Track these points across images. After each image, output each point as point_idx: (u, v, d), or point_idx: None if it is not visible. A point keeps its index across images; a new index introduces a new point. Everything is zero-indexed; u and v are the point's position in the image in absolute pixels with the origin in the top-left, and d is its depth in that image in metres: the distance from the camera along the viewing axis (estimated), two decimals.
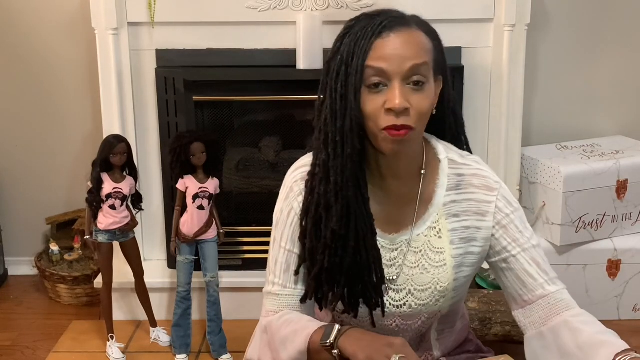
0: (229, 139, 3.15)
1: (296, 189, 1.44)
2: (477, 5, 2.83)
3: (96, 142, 2.77)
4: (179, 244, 2.73)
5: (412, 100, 1.31)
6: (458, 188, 1.43)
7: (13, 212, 3.40)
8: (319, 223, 1.39)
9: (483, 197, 1.42)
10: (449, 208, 1.42)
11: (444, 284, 1.42)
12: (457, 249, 1.42)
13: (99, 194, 2.65)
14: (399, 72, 1.30)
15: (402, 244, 1.44)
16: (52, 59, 3.21)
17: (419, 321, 1.48)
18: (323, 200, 1.37)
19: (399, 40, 1.31)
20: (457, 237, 1.42)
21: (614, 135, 3.27)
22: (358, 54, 1.31)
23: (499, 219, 1.42)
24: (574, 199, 2.88)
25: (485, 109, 2.95)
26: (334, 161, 1.35)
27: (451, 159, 1.45)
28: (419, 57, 1.31)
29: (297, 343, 1.34)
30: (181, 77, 2.87)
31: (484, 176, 1.44)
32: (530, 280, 1.41)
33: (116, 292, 2.86)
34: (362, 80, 1.31)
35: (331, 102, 1.35)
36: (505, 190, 1.44)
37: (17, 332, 3.00)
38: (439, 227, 1.42)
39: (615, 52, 3.22)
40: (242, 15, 2.81)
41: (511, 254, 1.41)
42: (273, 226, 1.48)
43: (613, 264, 2.96)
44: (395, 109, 1.29)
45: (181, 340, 2.78)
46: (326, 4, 2.79)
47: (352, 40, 1.33)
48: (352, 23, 1.36)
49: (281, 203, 1.47)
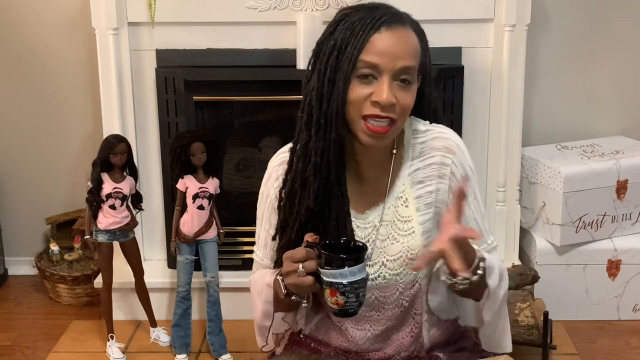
0: (229, 139, 3.15)
1: (274, 175, 1.52)
2: (477, 5, 2.83)
3: (96, 142, 2.78)
4: (179, 244, 2.73)
5: (398, 96, 1.36)
6: (421, 155, 1.48)
7: (13, 212, 3.40)
8: (293, 198, 1.45)
9: (442, 159, 1.47)
10: (414, 176, 1.48)
11: (414, 251, 1.46)
12: (423, 214, 1.47)
13: (99, 194, 2.65)
14: (390, 68, 1.35)
15: (375, 219, 1.48)
16: (52, 59, 3.22)
17: (397, 292, 1.50)
18: (299, 178, 1.44)
19: (395, 38, 1.36)
20: (423, 203, 1.47)
21: (614, 135, 3.27)
22: (354, 43, 1.35)
23: (452, 186, 1.46)
24: (574, 199, 2.88)
25: (485, 109, 2.95)
26: (315, 142, 1.40)
27: (415, 129, 1.50)
28: (410, 59, 1.37)
29: (265, 294, 1.47)
30: (181, 77, 2.87)
31: (446, 137, 1.49)
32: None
33: (116, 292, 2.86)
34: (354, 70, 1.35)
35: (318, 84, 1.39)
36: (463, 154, 1.48)
37: (17, 332, 3.00)
38: (405, 196, 1.48)
39: (615, 52, 3.22)
40: (242, 15, 2.81)
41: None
42: (257, 203, 1.58)
43: (613, 264, 2.95)
44: (382, 102, 1.35)
45: (181, 340, 2.78)
46: (326, 4, 2.79)
47: (348, 28, 1.36)
48: (349, 11, 1.40)
49: (262, 186, 1.56)
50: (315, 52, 1.42)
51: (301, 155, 1.43)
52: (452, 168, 1.47)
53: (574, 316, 2.96)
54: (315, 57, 1.42)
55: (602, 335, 2.90)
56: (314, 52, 1.43)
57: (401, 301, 1.51)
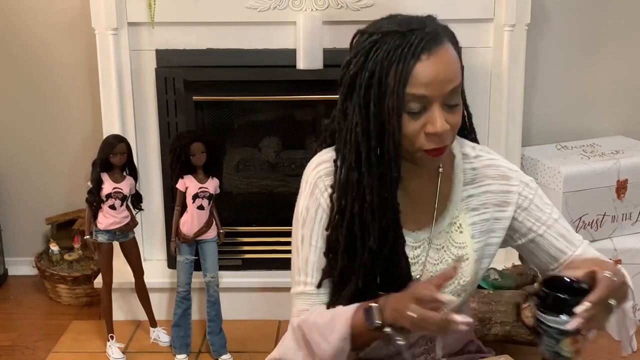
0: (229, 139, 3.15)
1: (321, 184, 1.42)
2: (477, 5, 2.83)
3: (96, 142, 2.77)
4: (179, 244, 2.73)
5: (450, 120, 1.31)
6: (474, 182, 1.45)
7: (13, 212, 3.40)
8: (353, 242, 1.37)
9: (500, 187, 1.45)
10: (467, 202, 1.44)
11: (467, 278, 1.44)
12: (477, 242, 1.44)
13: (99, 194, 2.65)
14: (439, 96, 1.29)
15: (424, 241, 1.44)
16: (52, 59, 3.21)
17: None
18: (358, 220, 1.36)
19: (438, 64, 1.28)
20: (478, 230, 1.44)
21: (614, 135, 3.26)
22: (397, 78, 1.27)
23: (520, 203, 1.45)
24: (574, 199, 2.88)
25: (485, 109, 2.95)
26: (369, 180, 1.33)
27: (464, 153, 1.47)
28: (456, 79, 1.31)
29: (338, 330, 1.33)
30: (181, 77, 2.87)
31: (497, 165, 1.47)
32: (560, 254, 1.46)
33: (116, 292, 2.86)
34: (404, 106, 1.29)
35: (362, 120, 1.32)
36: (522, 175, 1.47)
37: (17, 332, 2.99)
38: (459, 222, 1.44)
39: (615, 52, 3.22)
40: (242, 15, 2.81)
41: (537, 234, 1.46)
42: (299, 225, 1.45)
43: None
44: (438, 133, 1.30)
45: (181, 340, 2.78)
46: (326, 4, 2.78)
47: (384, 58, 1.28)
48: (378, 37, 1.31)
49: (306, 200, 1.43)
50: (349, 84, 1.33)
51: (356, 196, 1.35)
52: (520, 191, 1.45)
53: None
54: (349, 88, 1.33)
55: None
56: (346, 83, 1.34)
57: None
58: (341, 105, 1.36)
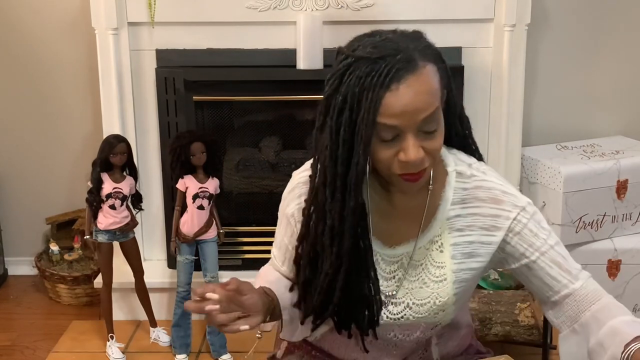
0: (229, 139, 3.15)
1: (297, 191, 1.46)
2: (477, 5, 2.83)
3: (96, 142, 2.77)
4: (179, 244, 2.73)
5: (427, 146, 1.26)
6: (463, 202, 1.39)
7: (13, 212, 3.40)
8: (314, 260, 1.37)
9: (489, 210, 1.37)
10: (453, 222, 1.39)
11: (443, 299, 1.40)
12: (458, 263, 1.39)
13: (99, 194, 2.65)
14: (411, 125, 1.24)
15: (403, 256, 1.41)
16: (52, 59, 3.21)
17: (417, 331, 1.46)
18: (319, 241, 1.34)
19: (409, 93, 1.22)
20: (459, 251, 1.39)
21: (614, 135, 3.26)
22: (367, 107, 1.22)
23: (512, 227, 1.37)
24: (574, 199, 2.88)
25: (485, 109, 2.95)
26: (331, 204, 1.31)
27: (459, 171, 1.39)
28: (431, 106, 1.24)
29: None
30: (181, 77, 2.87)
31: (489, 188, 1.38)
32: (555, 283, 1.38)
33: (116, 292, 2.86)
34: (373, 135, 1.24)
35: (331, 144, 1.27)
36: (517, 199, 1.38)
37: (17, 332, 3.00)
38: (441, 240, 1.39)
39: (616, 52, 3.22)
40: (242, 15, 2.81)
41: (531, 260, 1.37)
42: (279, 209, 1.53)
43: (613, 264, 2.95)
44: (411, 162, 1.25)
45: (181, 340, 2.78)
46: (326, 4, 2.78)
47: (355, 85, 1.23)
48: (351, 60, 1.25)
49: (286, 193, 1.51)
50: (324, 108, 1.29)
51: (320, 218, 1.33)
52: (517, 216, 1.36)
53: None
54: (324, 111, 1.30)
55: None
56: (321, 107, 1.31)
57: (420, 339, 1.49)
58: (319, 123, 1.32)
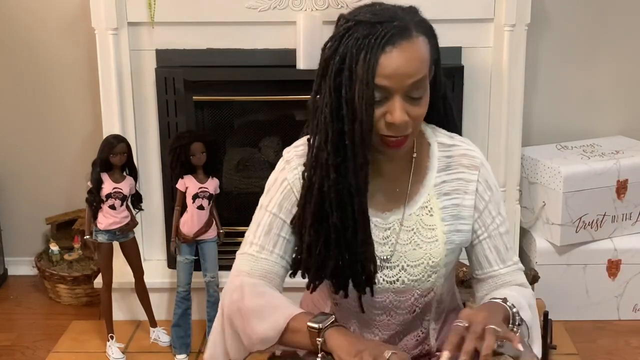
0: (229, 139, 3.15)
1: (293, 163, 1.48)
2: (477, 5, 2.83)
3: (96, 142, 2.77)
4: (178, 244, 2.73)
5: (411, 112, 1.34)
6: (448, 168, 1.48)
7: (13, 212, 3.40)
8: (320, 219, 1.41)
9: (469, 176, 1.48)
10: (440, 188, 1.48)
11: (436, 259, 1.46)
12: (448, 225, 1.47)
13: (98, 194, 2.65)
14: (400, 89, 1.32)
15: (395, 222, 1.47)
16: (52, 59, 3.22)
17: (412, 297, 1.50)
18: (326, 197, 1.39)
19: (401, 58, 1.31)
20: (448, 214, 1.47)
21: (614, 135, 3.26)
22: (366, 67, 1.30)
23: (477, 204, 1.48)
24: (574, 199, 2.88)
25: (485, 109, 2.95)
26: (334, 160, 1.37)
27: (440, 142, 1.49)
28: (420, 73, 1.33)
29: (276, 319, 1.36)
30: (181, 77, 2.87)
31: (472, 156, 1.49)
32: (486, 264, 1.52)
33: (116, 292, 2.86)
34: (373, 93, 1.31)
35: (332, 103, 1.35)
36: (487, 172, 1.50)
37: (17, 332, 3.00)
38: (430, 205, 1.47)
39: (616, 52, 3.22)
40: (242, 15, 2.81)
41: (479, 239, 1.50)
42: (263, 194, 1.51)
43: (613, 264, 2.96)
44: (396, 124, 1.33)
45: (181, 340, 2.78)
46: (326, 4, 2.79)
47: (354, 46, 1.31)
48: (351, 24, 1.34)
49: (276, 173, 1.51)
50: (322, 69, 1.37)
51: (325, 175, 1.38)
52: (478, 186, 1.48)
53: (574, 316, 2.96)
54: (322, 73, 1.37)
55: (602, 335, 2.90)
56: (320, 68, 1.38)
57: (414, 307, 1.52)
58: (316, 86, 1.39)
